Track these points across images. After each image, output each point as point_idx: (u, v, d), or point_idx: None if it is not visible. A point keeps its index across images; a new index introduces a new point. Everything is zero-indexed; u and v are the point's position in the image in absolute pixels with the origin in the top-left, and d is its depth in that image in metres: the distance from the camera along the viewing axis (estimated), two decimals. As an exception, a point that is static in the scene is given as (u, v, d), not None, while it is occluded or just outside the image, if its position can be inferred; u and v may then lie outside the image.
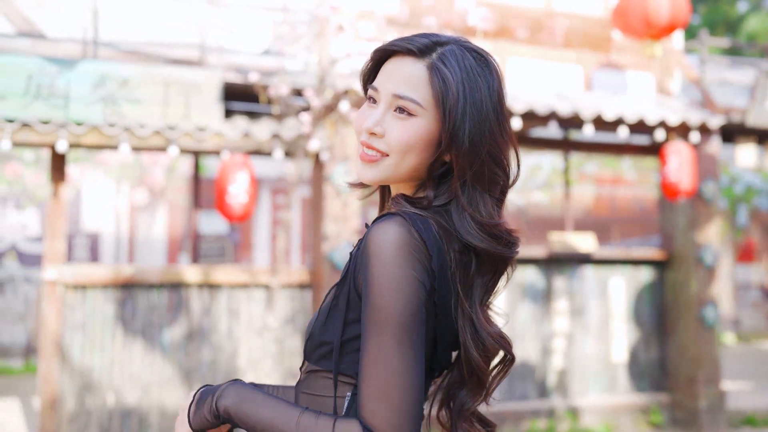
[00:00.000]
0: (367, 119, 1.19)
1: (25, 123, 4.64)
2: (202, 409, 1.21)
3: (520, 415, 5.85)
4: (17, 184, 9.66)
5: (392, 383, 1.07)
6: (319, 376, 1.19)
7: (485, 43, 6.01)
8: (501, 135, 1.17)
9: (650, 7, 5.04)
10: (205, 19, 5.20)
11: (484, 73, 1.17)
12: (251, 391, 1.18)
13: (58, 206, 5.07)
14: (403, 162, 1.17)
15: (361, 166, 1.20)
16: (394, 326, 1.08)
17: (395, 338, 1.08)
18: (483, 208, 1.17)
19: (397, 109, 1.17)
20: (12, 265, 9.58)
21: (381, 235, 1.09)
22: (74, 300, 5.04)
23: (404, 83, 1.16)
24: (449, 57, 1.16)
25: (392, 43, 1.20)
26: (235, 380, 1.23)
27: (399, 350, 1.07)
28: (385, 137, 1.17)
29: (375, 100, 1.20)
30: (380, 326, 1.08)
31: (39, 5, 5.15)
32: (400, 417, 1.06)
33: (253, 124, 5.22)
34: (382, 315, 1.08)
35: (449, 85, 1.13)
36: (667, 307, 6.39)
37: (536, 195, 11.63)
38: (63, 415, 4.96)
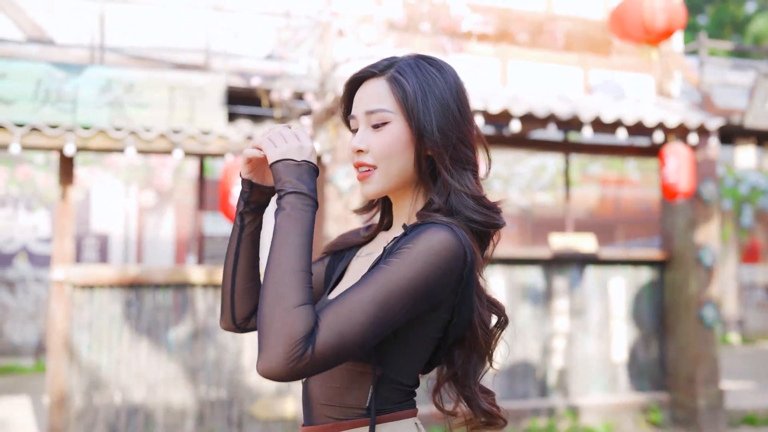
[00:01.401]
0: (353, 142, 1.33)
1: (34, 127, 4.76)
2: (281, 171, 1.22)
3: (521, 413, 5.92)
4: (28, 186, 9.82)
5: (350, 325, 1.12)
6: (343, 368, 1.25)
7: (486, 47, 6.09)
8: (464, 122, 1.32)
9: (646, 13, 5.10)
10: (210, 24, 5.31)
11: (439, 72, 1.32)
12: (300, 224, 1.18)
13: (66, 208, 5.19)
14: (390, 168, 1.30)
15: (360, 186, 1.34)
16: (388, 289, 1.15)
17: (380, 296, 1.14)
18: (470, 185, 1.31)
19: (373, 125, 1.31)
20: (23, 266, 9.74)
21: (435, 234, 1.20)
22: (82, 299, 5.16)
23: (372, 100, 1.31)
24: (404, 67, 1.32)
25: (358, 72, 1.35)
26: (311, 195, 1.22)
27: (374, 307, 1.14)
28: (369, 150, 1.30)
29: (356, 127, 1.35)
30: (377, 283, 1.15)
31: (48, 12, 5.28)
32: (336, 348, 1.11)
33: (257, 127, 5.33)
34: (388, 277, 1.15)
35: (406, 87, 1.29)
36: (666, 307, 6.45)
37: (541, 196, 11.68)
38: (71, 412, 5.07)
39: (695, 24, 18.92)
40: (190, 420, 5.29)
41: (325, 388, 1.29)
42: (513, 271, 6.11)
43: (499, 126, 6.19)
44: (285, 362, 1.08)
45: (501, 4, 6.37)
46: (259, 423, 5.40)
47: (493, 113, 5.40)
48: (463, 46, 4.47)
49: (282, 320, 1.09)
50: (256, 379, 5.41)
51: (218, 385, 5.36)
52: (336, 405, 1.28)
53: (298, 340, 1.08)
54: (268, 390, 5.43)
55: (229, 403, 5.37)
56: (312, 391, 1.31)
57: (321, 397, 1.30)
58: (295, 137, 1.27)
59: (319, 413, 1.30)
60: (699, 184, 6.15)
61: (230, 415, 5.37)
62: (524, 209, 11.91)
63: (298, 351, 1.08)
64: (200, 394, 5.32)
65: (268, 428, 5.41)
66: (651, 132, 5.91)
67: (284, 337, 1.08)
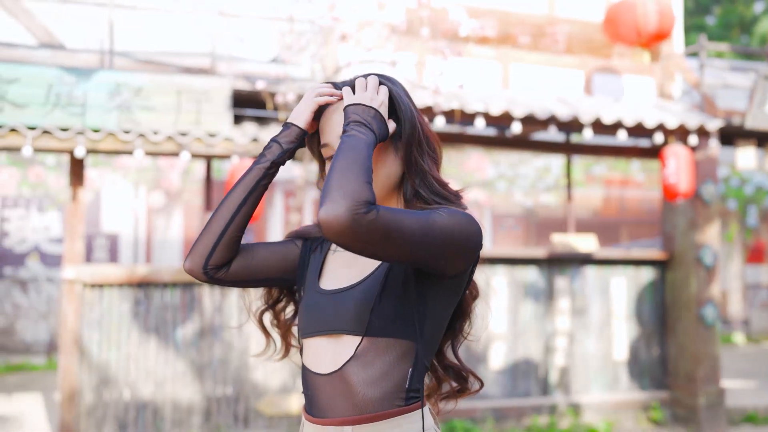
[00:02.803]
0: None
1: (45, 130, 4.89)
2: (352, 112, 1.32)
3: (522, 411, 6.00)
4: (40, 188, 9.99)
5: (404, 221, 1.23)
6: (380, 347, 1.32)
7: (487, 50, 6.18)
8: (422, 118, 1.45)
9: (639, 16, 5.18)
10: (215, 29, 5.43)
11: (390, 81, 1.44)
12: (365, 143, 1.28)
13: (77, 209, 5.32)
14: (379, 178, 1.40)
15: None
16: (433, 219, 1.27)
17: (425, 221, 1.26)
18: (436, 172, 1.43)
19: None
20: (35, 266, 9.90)
21: (465, 214, 1.33)
22: (92, 298, 5.28)
23: (341, 125, 1.39)
24: (357, 84, 1.40)
25: (322, 102, 1.43)
26: (375, 130, 1.31)
27: (420, 224, 1.25)
28: None
29: (331, 155, 1.42)
30: (422, 213, 1.28)
31: (59, 18, 5.41)
32: (391, 227, 1.21)
33: (262, 129, 5.44)
34: (432, 215, 1.28)
35: None
36: (667, 306, 6.51)
37: (545, 197, 11.74)
38: (81, 408, 5.20)
39: (702, 24, 18.91)
40: (197, 416, 5.41)
41: (366, 377, 1.32)
42: (515, 270, 6.19)
43: (501, 128, 6.28)
44: (349, 214, 1.16)
45: (502, 8, 6.46)
46: (264, 419, 5.51)
47: (494, 115, 5.49)
48: (463, 50, 4.56)
49: (352, 184, 1.19)
50: (262, 377, 5.53)
51: (224, 382, 5.48)
52: (377, 395, 1.32)
53: (364, 202, 1.18)
54: (274, 387, 5.54)
55: (235, 399, 5.49)
56: (350, 382, 1.33)
57: (361, 387, 1.32)
58: (375, 88, 1.37)
59: (356, 404, 1.32)
60: (700, 184, 6.22)
61: (236, 412, 5.49)
62: (528, 210, 11.98)
63: (362, 209, 1.17)
64: (207, 391, 5.43)
65: (273, 424, 5.52)
66: (651, 133, 5.98)
67: (352, 195, 1.18)
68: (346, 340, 1.35)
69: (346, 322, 1.34)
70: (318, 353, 1.39)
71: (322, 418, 1.36)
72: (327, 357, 1.37)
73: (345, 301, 1.37)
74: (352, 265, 1.44)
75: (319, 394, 1.37)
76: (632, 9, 5.46)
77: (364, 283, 1.37)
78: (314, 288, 1.45)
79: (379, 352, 1.32)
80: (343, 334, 1.35)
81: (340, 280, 1.42)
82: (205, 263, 1.41)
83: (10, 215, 9.92)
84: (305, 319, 1.43)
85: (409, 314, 1.33)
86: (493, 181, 11.17)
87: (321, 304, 1.40)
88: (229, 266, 1.44)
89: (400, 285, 1.34)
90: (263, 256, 1.48)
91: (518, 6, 6.59)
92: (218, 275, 1.43)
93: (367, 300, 1.33)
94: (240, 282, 1.48)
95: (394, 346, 1.33)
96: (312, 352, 1.40)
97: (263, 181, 1.42)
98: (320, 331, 1.38)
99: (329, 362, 1.36)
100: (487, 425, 5.85)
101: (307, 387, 1.42)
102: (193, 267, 1.42)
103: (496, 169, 11.05)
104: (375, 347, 1.32)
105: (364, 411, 1.32)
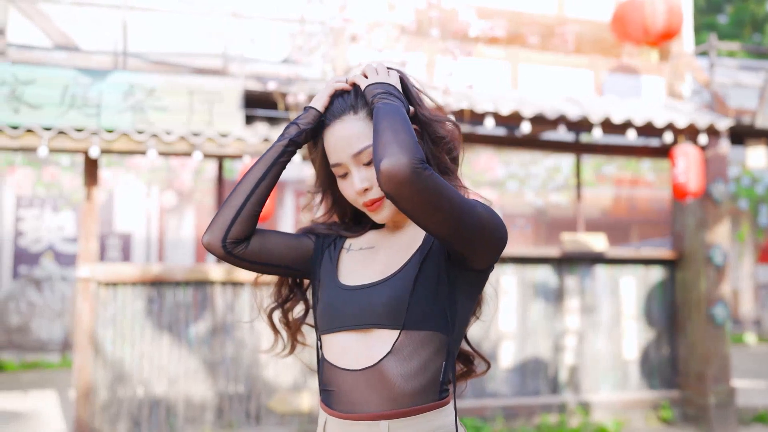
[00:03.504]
0: (352, 187, 1.42)
1: (60, 130, 4.97)
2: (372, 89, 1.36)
3: (532, 409, 6.03)
4: (54, 188, 10.10)
5: (451, 189, 1.27)
6: (417, 341, 1.33)
7: (496, 50, 6.21)
8: (424, 105, 1.48)
9: (647, 14, 5.18)
10: (227, 30, 5.49)
11: (398, 70, 1.46)
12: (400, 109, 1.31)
13: (91, 208, 5.40)
14: None
15: (374, 214, 1.44)
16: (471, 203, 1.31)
17: (469, 200, 1.31)
18: (450, 163, 1.49)
19: (365, 163, 1.39)
20: (50, 265, 10.01)
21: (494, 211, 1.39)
22: (106, 296, 5.36)
23: (354, 141, 1.39)
24: (367, 70, 1.42)
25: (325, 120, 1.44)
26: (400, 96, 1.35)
27: (461, 198, 1.29)
28: (373, 185, 1.40)
29: (345, 173, 1.43)
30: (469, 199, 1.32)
31: (74, 20, 5.49)
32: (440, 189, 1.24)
33: (273, 129, 5.50)
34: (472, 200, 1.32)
35: None
36: (677, 305, 6.52)
37: (555, 197, 11.74)
38: (96, 405, 5.27)
39: (714, 23, 18.83)
40: (210, 413, 5.47)
41: (404, 371, 1.32)
42: (524, 269, 6.22)
43: (510, 127, 6.30)
44: (411, 166, 1.19)
45: (511, 8, 6.49)
46: (276, 416, 5.57)
47: (503, 115, 5.52)
48: (473, 50, 4.59)
49: (408, 140, 1.22)
50: (273, 374, 5.58)
51: (236, 379, 5.54)
52: (415, 389, 1.33)
53: (421, 158, 1.21)
54: (285, 384, 5.60)
55: (247, 397, 5.55)
56: (387, 377, 1.33)
57: (399, 381, 1.33)
58: (385, 72, 1.40)
59: (392, 398, 1.33)
60: (710, 184, 6.22)
61: (248, 409, 5.55)
62: (539, 209, 11.98)
63: (419, 164, 1.20)
64: (219, 388, 5.50)
65: (284, 421, 5.58)
66: (661, 133, 5.98)
67: (412, 150, 1.21)
68: (379, 335, 1.35)
69: (380, 316, 1.35)
70: (344, 349, 1.38)
71: (350, 413, 1.35)
72: (357, 352, 1.37)
73: (376, 296, 1.37)
74: (372, 262, 1.46)
75: (348, 389, 1.36)
76: (640, 7, 5.47)
77: (394, 279, 1.38)
78: (334, 284, 1.45)
79: (417, 346, 1.33)
80: (376, 328, 1.35)
81: (362, 277, 1.43)
82: (225, 236, 1.41)
83: (26, 215, 10.04)
84: (327, 315, 1.43)
85: (442, 308, 1.35)
86: (504, 180, 11.18)
87: (345, 300, 1.40)
88: (248, 243, 1.44)
89: (433, 279, 1.36)
90: (279, 241, 1.49)
91: (527, 6, 6.61)
92: (236, 250, 1.43)
93: (402, 294, 1.34)
94: (255, 263, 1.48)
95: (430, 340, 1.34)
96: (337, 348, 1.40)
97: (281, 158, 1.43)
98: (346, 327, 1.38)
99: (361, 358, 1.36)
100: (497, 423, 5.88)
101: (330, 383, 1.40)
102: (212, 240, 1.42)
103: (506, 169, 11.07)
104: (412, 341, 1.33)
105: (401, 405, 1.32)
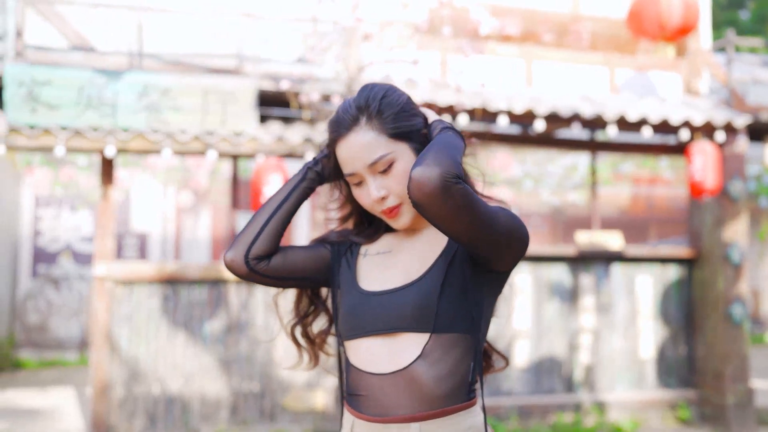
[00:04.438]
0: (369, 196, 1.43)
1: (77, 130, 5.03)
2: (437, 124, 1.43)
3: (547, 408, 6.00)
4: (72, 188, 10.21)
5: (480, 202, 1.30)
6: (446, 344, 1.36)
7: (511, 48, 6.18)
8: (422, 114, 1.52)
9: (663, 10, 5.14)
10: (241, 30, 5.52)
11: (398, 93, 1.46)
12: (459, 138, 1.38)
13: (107, 207, 5.45)
14: None
15: (393, 221, 1.46)
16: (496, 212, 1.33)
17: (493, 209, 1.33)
18: None
19: (381, 171, 1.41)
20: (67, 264, 10.12)
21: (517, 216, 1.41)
22: (122, 294, 5.41)
23: (367, 152, 1.40)
24: (381, 107, 1.43)
25: (335, 132, 1.45)
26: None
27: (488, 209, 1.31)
28: (390, 193, 1.41)
29: (359, 181, 1.44)
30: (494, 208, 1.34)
31: (90, 21, 5.55)
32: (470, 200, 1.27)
33: (287, 128, 5.52)
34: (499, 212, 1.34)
35: (390, 120, 1.42)
36: (694, 304, 6.46)
37: (572, 195, 11.67)
38: (113, 402, 5.32)
39: (736, 19, 18.63)
40: (225, 410, 5.51)
41: (435, 374, 1.35)
42: (539, 268, 6.19)
43: (525, 126, 6.28)
44: (441, 179, 1.22)
45: (526, 6, 6.46)
46: (290, 414, 5.59)
47: (517, 113, 5.50)
48: (485, 48, 4.58)
49: (448, 158, 1.25)
50: (287, 372, 5.60)
51: (251, 377, 5.57)
52: (446, 391, 1.35)
53: (455, 174, 1.24)
54: (299, 382, 5.62)
55: (261, 394, 5.58)
56: (418, 380, 1.35)
57: (430, 384, 1.35)
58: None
59: (424, 401, 1.35)
60: (727, 181, 6.15)
61: (262, 406, 5.58)
62: (556, 208, 11.92)
63: (453, 178, 1.23)
64: (234, 386, 5.53)
65: (298, 419, 5.59)
66: (677, 130, 5.93)
67: (447, 165, 1.24)
68: (407, 339, 1.37)
69: (409, 321, 1.37)
70: (372, 353, 1.40)
71: (381, 416, 1.37)
72: (385, 356, 1.38)
73: (402, 300, 1.39)
74: (391, 266, 1.47)
75: (378, 393, 1.38)
76: (656, 3, 5.43)
77: (420, 282, 1.40)
78: (355, 290, 1.47)
79: (446, 349, 1.35)
80: (404, 332, 1.37)
81: (383, 281, 1.45)
82: (247, 253, 1.45)
83: (44, 214, 10.16)
84: (351, 321, 1.44)
85: (468, 310, 1.37)
86: (520, 179, 11.14)
87: (369, 305, 1.42)
88: (270, 260, 1.47)
89: (459, 282, 1.38)
90: (299, 254, 1.52)
91: (542, 4, 6.58)
92: (258, 267, 1.47)
93: (430, 298, 1.36)
94: (278, 278, 1.50)
95: (458, 342, 1.36)
96: (363, 353, 1.42)
97: (302, 183, 1.50)
98: (372, 332, 1.40)
99: (389, 361, 1.38)
100: (512, 422, 5.86)
101: (359, 388, 1.42)
102: (235, 257, 1.46)
103: (522, 168, 11.02)
104: (442, 344, 1.35)
105: (432, 407, 1.34)
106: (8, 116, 4.91)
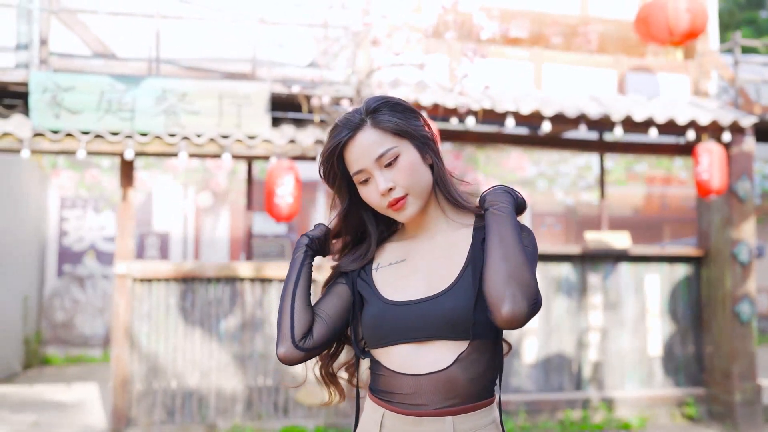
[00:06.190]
0: (376, 190, 1.52)
1: (97, 134, 5.24)
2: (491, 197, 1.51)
3: (555, 405, 6.10)
4: (96, 189, 10.49)
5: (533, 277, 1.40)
6: (480, 348, 1.44)
7: (520, 51, 6.29)
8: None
9: (670, 14, 5.20)
10: (256, 36, 5.70)
11: (396, 99, 1.58)
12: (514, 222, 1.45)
13: (127, 208, 5.66)
14: (418, 187, 1.50)
15: (398, 214, 1.53)
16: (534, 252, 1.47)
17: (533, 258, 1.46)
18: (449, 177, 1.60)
19: (386, 165, 1.51)
20: (92, 263, 10.40)
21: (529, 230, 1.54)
22: (142, 292, 5.61)
23: (373, 148, 1.51)
24: (370, 109, 1.54)
25: (338, 138, 1.54)
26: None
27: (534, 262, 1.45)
28: (396, 185, 1.51)
29: (367, 178, 1.53)
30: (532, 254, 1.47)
31: (111, 29, 5.76)
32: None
33: (299, 131, 5.69)
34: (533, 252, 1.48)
35: (390, 119, 1.52)
36: (703, 303, 6.52)
37: (585, 195, 11.72)
38: (133, 396, 5.53)
39: (755, 18, 18.48)
40: (240, 404, 5.69)
41: (470, 375, 1.44)
42: (548, 266, 6.30)
43: (533, 127, 6.38)
44: (528, 311, 1.34)
45: (535, 9, 6.57)
46: (303, 408, 5.76)
47: (524, 114, 5.61)
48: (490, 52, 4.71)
49: (529, 283, 1.37)
50: (301, 368, 5.75)
51: (265, 373, 5.74)
52: (478, 390, 1.45)
53: (538, 301, 1.37)
54: (312, 378, 5.77)
55: (275, 389, 5.75)
56: (454, 381, 1.43)
57: (465, 384, 1.43)
58: None
59: (458, 397, 1.44)
60: (734, 181, 6.21)
61: (276, 401, 5.75)
62: (569, 208, 11.97)
63: (536, 305, 1.36)
64: (249, 381, 5.71)
65: (311, 414, 5.76)
66: (683, 130, 6.00)
67: (532, 296, 1.36)
68: (443, 345, 1.44)
69: (446, 329, 1.43)
70: (405, 358, 1.46)
71: (414, 410, 1.45)
72: (420, 360, 1.45)
73: (435, 310, 1.45)
74: (411, 275, 1.54)
75: (413, 391, 1.45)
76: (663, 8, 5.50)
77: (453, 292, 1.46)
78: (378, 299, 1.51)
79: (481, 354, 1.44)
80: (439, 340, 1.44)
81: (406, 290, 1.50)
82: (293, 341, 1.51)
83: (69, 215, 10.45)
84: (379, 330, 1.49)
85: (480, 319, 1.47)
86: (534, 179, 11.22)
87: (398, 315, 1.47)
88: (313, 333, 1.54)
89: (473, 292, 1.47)
90: (328, 308, 1.58)
91: (551, 7, 6.68)
92: (308, 345, 1.53)
93: (467, 307, 1.43)
94: (330, 340, 1.57)
95: (489, 346, 1.46)
96: (396, 358, 1.47)
97: (305, 261, 1.58)
98: (405, 340, 1.46)
99: (425, 365, 1.44)
100: (520, 418, 5.97)
101: (392, 387, 1.47)
102: (287, 350, 1.52)
103: (536, 168, 11.10)
104: (477, 350, 1.44)
105: (464, 403, 1.44)
106: (33, 121, 5.14)
